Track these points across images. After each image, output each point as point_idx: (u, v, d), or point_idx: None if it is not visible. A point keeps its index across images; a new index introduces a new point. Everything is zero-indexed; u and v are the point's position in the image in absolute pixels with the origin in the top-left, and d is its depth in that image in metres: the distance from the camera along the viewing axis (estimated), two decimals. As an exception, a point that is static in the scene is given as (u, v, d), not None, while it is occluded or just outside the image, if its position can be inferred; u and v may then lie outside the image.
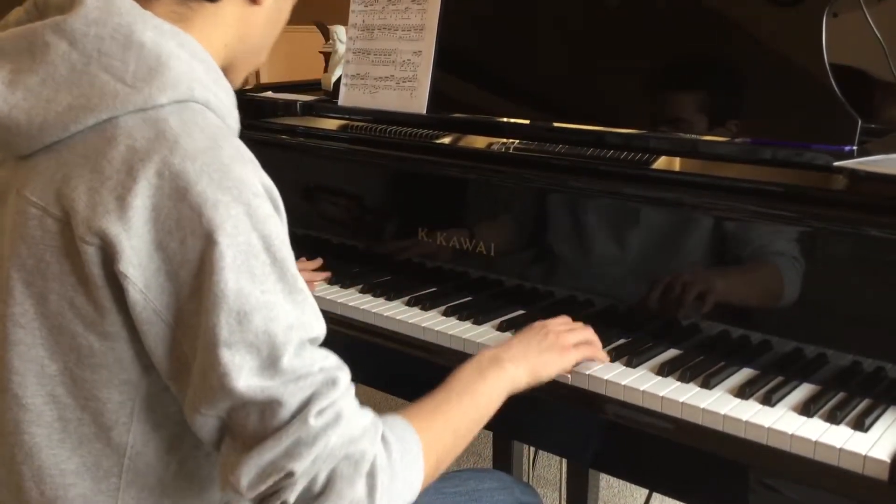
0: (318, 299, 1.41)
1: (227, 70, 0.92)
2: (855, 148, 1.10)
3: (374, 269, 1.48)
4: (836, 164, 1.07)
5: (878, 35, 1.24)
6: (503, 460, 1.88)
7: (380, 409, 0.86)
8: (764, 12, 1.21)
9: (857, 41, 1.26)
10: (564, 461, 1.87)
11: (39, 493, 0.85)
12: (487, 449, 2.53)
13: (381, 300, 1.38)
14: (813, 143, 1.13)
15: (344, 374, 0.82)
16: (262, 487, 0.78)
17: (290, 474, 0.76)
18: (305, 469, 0.77)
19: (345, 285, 1.45)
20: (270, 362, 0.77)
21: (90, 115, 0.79)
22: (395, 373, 1.36)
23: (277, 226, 0.80)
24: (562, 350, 1.10)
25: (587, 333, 1.15)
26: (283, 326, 0.77)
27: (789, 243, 1.08)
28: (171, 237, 0.76)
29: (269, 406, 0.76)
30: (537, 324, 1.14)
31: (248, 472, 0.77)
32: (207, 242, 0.75)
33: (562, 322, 1.15)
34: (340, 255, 1.54)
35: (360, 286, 1.43)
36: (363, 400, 0.84)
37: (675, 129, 1.27)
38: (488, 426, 1.00)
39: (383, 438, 0.83)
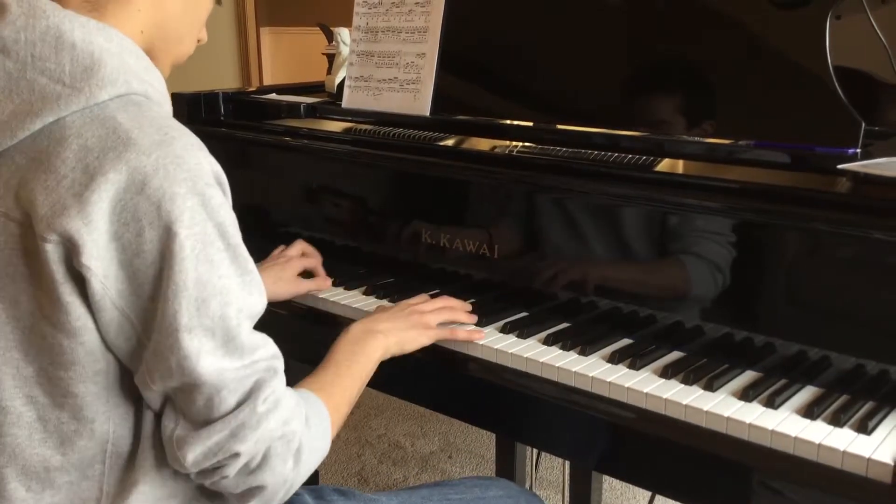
0: (321, 301, 1.42)
1: (149, 58, 0.94)
2: (858, 150, 1.11)
3: (377, 271, 1.48)
4: (840, 166, 1.07)
5: (882, 37, 1.24)
6: (506, 463, 1.88)
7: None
8: (768, 15, 1.21)
9: (861, 44, 1.26)
10: (567, 463, 1.87)
11: (26, 489, 0.88)
12: (490, 451, 2.53)
13: (384, 302, 1.39)
14: (816, 145, 1.13)
15: (280, 362, 0.90)
16: (206, 464, 0.85)
17: (235, 455, 0.84)
18: (248, 449, 0.85)
19: (349, 287, 1.45)
20: (225, 342, 0.83)
21: (36, 119, 0.82)
22: (395, 374, 1.36)
23: (229, 212, 0.86)
24: (425, 328, 1.20)
25: (450, 315, 1.25)
26: (235, 310, 0.84)
27: (792, 246, 1.08)
28: (126, 229, 0.79)
29: (217, 391, 0.83)
30: (402, 303, 1.25)
31: (195, 450, 0.84)
32: (166, 234, 0.79)
33: (422, 300, 1.26)
34: (344, 257, 1.55)
35: (364, 288, 1.44)
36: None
37: (679, 131, 1.27)
38: (491, 429, 1.01)
39: (306, 416, 0.92)
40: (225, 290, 0.83)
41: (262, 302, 0.88)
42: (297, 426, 0.89)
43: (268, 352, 0.88)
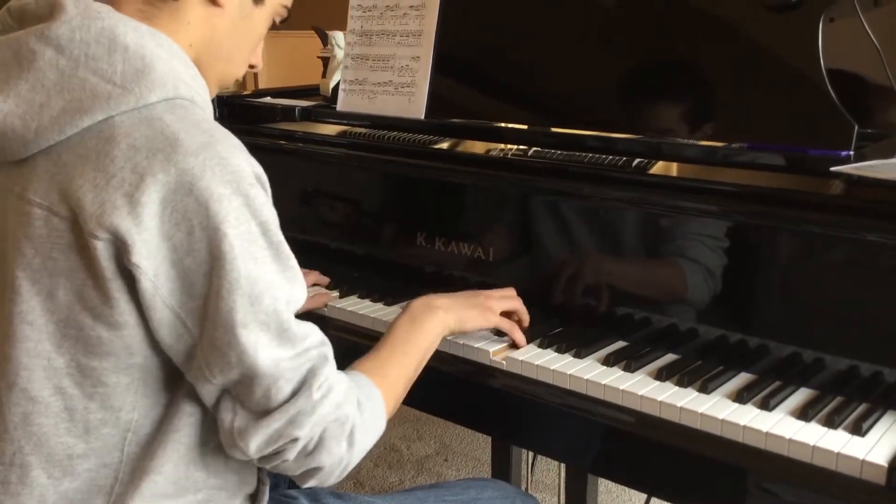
0: (317, 304, 1.42)
1: None
2: (851, 153, 1.11)
3: (373, 275, 1.48)
4: (833, 168, 1.07)
5: (875, 40, 1.24)
6: (502, 465, 1.88)
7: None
8: (761, 18, 1.21)
9: (854, 46, 1.27)
10: (563, 466, 1.87)
11: (47, 477, 0.90)
12: (486, 454, 2.53)
13: (379, 305, 1.39)
14: (810, 147, 1.13)
15: (329, 348, 0.93)
16: (268, 451, 0.89)
17: (294, 440, 0.88)
18: (306, 433, 0.88)
19: (344, 291, 1.45)
20: (278, 334, 0.86)
21: (85, 116, 0.83)
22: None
23: (271, 211, 0.88)
24: (485, 310, 1.20)
25: (515, 304, 1.24)
26: (283, 302, 0.87)
27: (785, 248, 1.08)
28: (177, 229, 0.82)
29: (274, 381, 0.86)
30: (471, 291, 1.24)
31: (258, 438, 0.87)
32: (216, 233, 0.82)
33: (494, 290, 1.25)
34: (339, 261, 1.55)
35: (359, 291, 1.44)
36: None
37: (672, 133, 1.27)
38: (487, 431, 1.01)
39: (357, 400, 0.94)
40: (272, 284, 0.86)
41: (304, 293, 0.91)
42: (349, 409, 0.92)
43: (316, 339, 0.91)
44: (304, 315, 0.96)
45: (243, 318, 0.84)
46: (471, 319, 1.18)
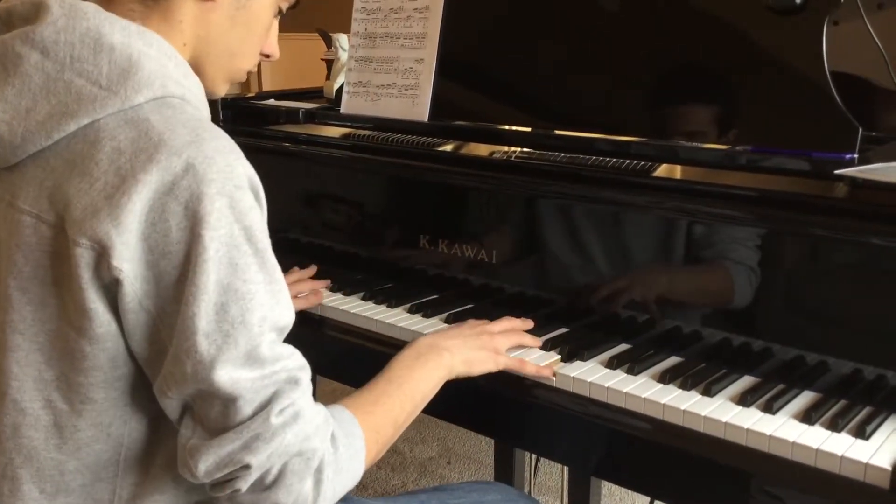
0: (320, 307, 1.42)
1: (196, 72, 0.92)
2: (856, 156, 1.11)
3: (375, 277, 1.48)
4: (837, 171, 1.07)
5: (879, 43, 1.24)
6: (504, 468, 1.88)
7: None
8: (765, 21, 1.21)
9: (858, 49, 1.27)
10: (566, 469, 1.87)
11: (39, 491, 0.88)
12: (489, 457, 2.53)
13: (382, 307, 1.39)
14: (814, 151, 1.13)
15: (305, 373, 0.86)
16: (218, 475, 0.82)
17: (246, 466, 0.80)
18: (261, 462, 0.80)
19: (347, 293, 1.45)
20: (245, 352, 0.80)
21: (71, 120, 0.81)
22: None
23: (258, 217, 0.83)
24: (495, 352, 1.14)
25: (521, 338, 1.19)
26: (258, 317, 0.81)
27: (789, 251, 1.08)
28: (154, 229, 0.78)
29: (232, 401, 0.80)
30: (473, 321, 1.20)
31: (206, 459, 0.81)
32: (191, 235, 0.78)
33: (497, 324, 1.20)
34: (342, 263, 1.55)
35: (362, 293, 1.44)
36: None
37: (676, 136, 1.27)
38: (490, 434, 1.00)
39: (332, 435, 0.87)
40: (249, 295, 0.80)
41: (288, 314, 0.85)
42: (318, 444, 0.84)
43: (290, 363, 0.84)
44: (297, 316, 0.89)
45: (205, 327, 0.78)
46: (479, 363, 1.12)
